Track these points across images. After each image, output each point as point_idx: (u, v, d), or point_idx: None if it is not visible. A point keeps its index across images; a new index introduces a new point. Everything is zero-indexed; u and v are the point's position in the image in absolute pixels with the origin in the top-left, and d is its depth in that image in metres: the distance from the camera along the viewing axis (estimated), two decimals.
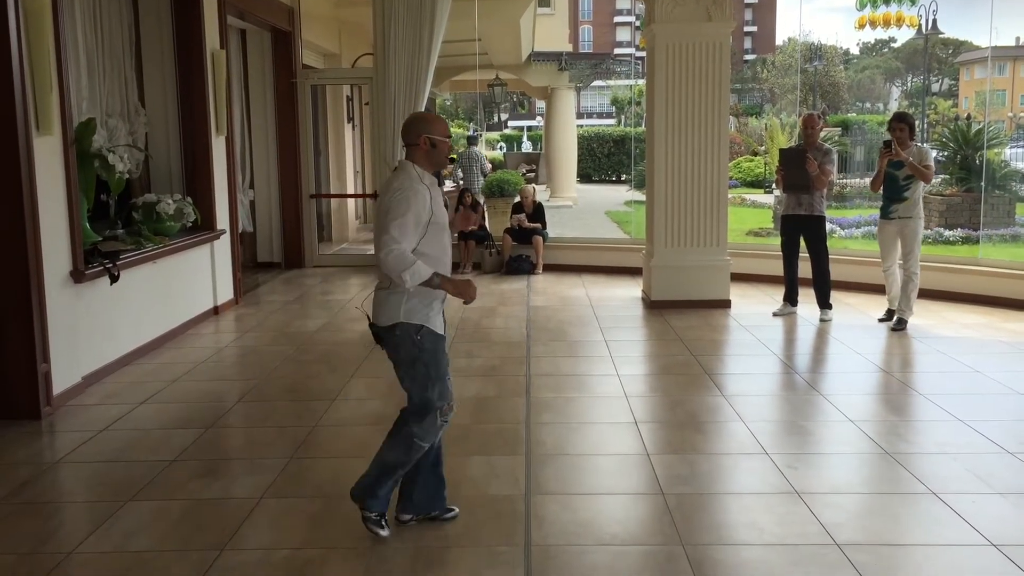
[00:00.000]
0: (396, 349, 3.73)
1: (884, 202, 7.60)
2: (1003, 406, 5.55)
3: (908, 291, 7.48)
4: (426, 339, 3.70)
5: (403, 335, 3.68)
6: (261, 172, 11.38)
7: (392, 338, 3.72)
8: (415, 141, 3.74)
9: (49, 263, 5.54)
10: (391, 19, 10.54)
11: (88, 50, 6.91)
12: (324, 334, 7.74)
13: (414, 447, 3.73)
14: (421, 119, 3.84)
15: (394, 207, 3.59)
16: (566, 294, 9.62)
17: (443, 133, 3.78)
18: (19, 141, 5.22)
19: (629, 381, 6.16)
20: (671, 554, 3.60)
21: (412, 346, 3.69)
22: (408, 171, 3.72)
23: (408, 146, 3.79)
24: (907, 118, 7.58)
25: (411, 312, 3.67)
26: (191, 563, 3.56)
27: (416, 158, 3.76)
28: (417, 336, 3.68)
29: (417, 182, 3.67)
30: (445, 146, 3.79)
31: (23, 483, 4.44)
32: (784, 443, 4.99)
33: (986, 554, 3.57)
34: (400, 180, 3.69)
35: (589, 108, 55.39)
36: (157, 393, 5.97)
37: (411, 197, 3.60)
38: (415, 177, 3.69)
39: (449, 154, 3.84)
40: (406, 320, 3.67)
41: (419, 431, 3.72)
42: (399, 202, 3.59)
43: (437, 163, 3.80)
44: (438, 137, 3.75)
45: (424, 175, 3.73)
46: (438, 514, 3.94)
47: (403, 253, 3.54)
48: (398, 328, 3.68)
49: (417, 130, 3.75)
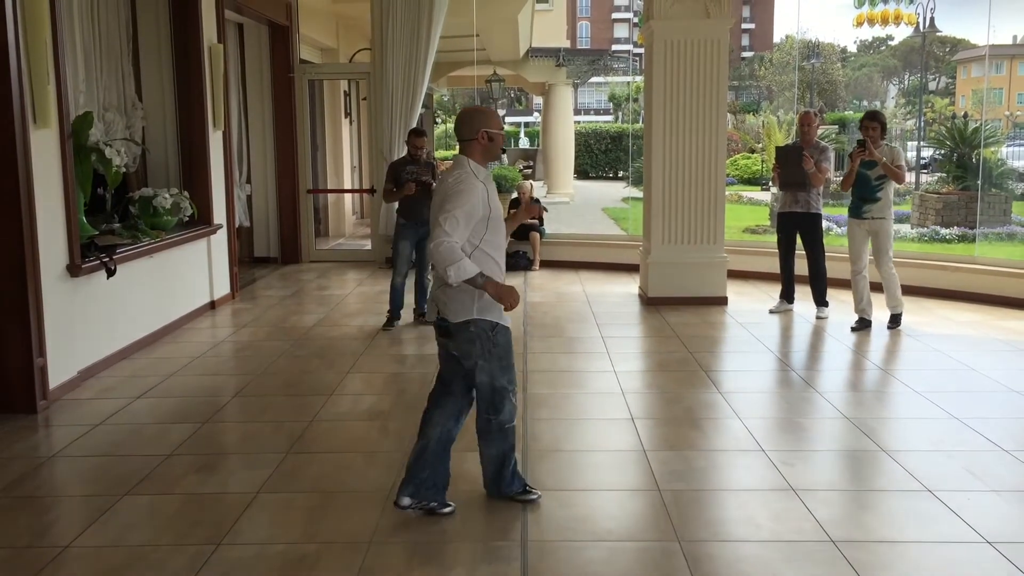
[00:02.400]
0: (469, 344, 3.77)
1: (855, 202, 7.42)
2: (998, 404, 5.57)
3: (892, 290, 7.37)
4: (500, 335, 3.78)
5: (477, 332, 3.74)
6: (258, 167, 11.36)
7: (465, 334, 3.75)
8: (473, 136, 3.78)
9: (45, 257, 5.53)
10: (389, 14, 10.55)
11: (85, 44, 6.89)
12: (321, 329, 7.74)
13: (508, 431, 3.91)
14: (478, 113, 3.89)
15: (448, 201, 3.61)
16: (563, 290, 9.62)
17: (499, 127, 3.85)
18: (16, 134, 5.20)
19: (626, 377, 6.17)
20: (667, 550, 3.60)
21: (487, 341, 3.76)
22: (464, 166, 3.77)
23: (464, 141, 3.81)
24: (879, 116, 7.41)
25: (485, 308, 3.73)
26: (187, 557, 3.56)
27: (472, 153, 3.79)
28: (493, 332, 3.75)
29: (473, 177, 3.71)
30: (501, 139, 3.85)
31: (19, 477, 4.44)
32: (780, 440, 5.00)
33: (981, 551, 3.59)
34: (457, 176, 3.73)
35: (587, 104, 55.37)
36: (153, 388, 5.97)
37: (466, 192, 3.63)
38: (471, 172, 3.74)
39: (502, 145, 3.90)
40: (480, 316, 3.72)
41: (503, 417, 3.87)
42: (453, 196, 3.62)
43: (492, 156, 3.86)
44: (495, 131, 3.81)
45: (479, 170, 3.78)
46: (436, 507, 3.92)
47: (452, 247, 3.55)
48: (472, 324, 3.73)
49: (475, 125, 3.78)
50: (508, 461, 3.98)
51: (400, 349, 7.14)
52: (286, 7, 10.91)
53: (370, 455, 4.73)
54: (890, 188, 7.33)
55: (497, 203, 3.79)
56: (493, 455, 3.97)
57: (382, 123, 10.80)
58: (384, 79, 10.69)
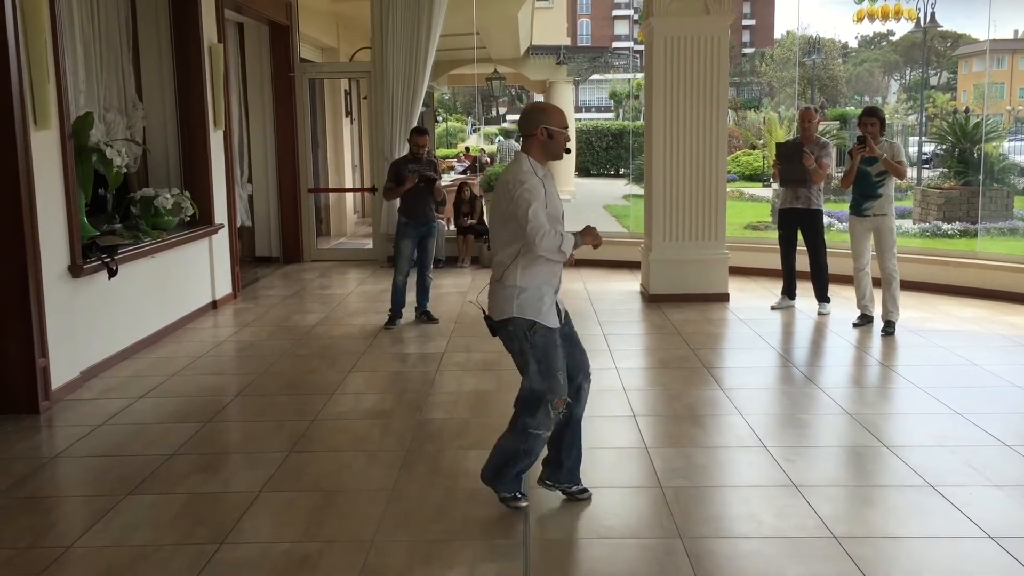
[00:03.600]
0: (509, 343, 3.81)
1: (856, 199, 7.33)
2: (1001, 399, 5.56)
3: (892, 292, 7.22)
4: (538, 335, 3.75)
5: (516, 330, 3.75)
6: (259, 166, 11.36)
7: (506, 332, 3.79)
8: (532, 132, 3.76)
9: (47, 258, 5.53)
10: (389, 13, 10.55)
11: (85, 44, 6.89)
12: (323, 328, 7.74)
13: (531, 436, 3.82)
14: (539, 109, 3.84)
15: (523, 198, 3.62)
16: (564, 288, 9.55)
17: (561, 124, 3.78)
18: (16, 135, 5.20)
19: (627, 375, 6.17)
20: (669, 547, 3.60)
21: (524, 341, 3.75)
22: (522, 164, 3.75)
23: (525, 137, 3.79)
24: (878, 112, 7.32)
25: (523, 307, 3.73)
26: (190, 557, 3.57)
27: (532, 150, 3.78)
28: (530, 331, 3.74)
29: (532, 175, 3.70)
30: (563, 137, 3.80)
31: (22, 478, 4.44)
32: (782, 436, 5.00)
33: (983, 546, 3.58)
34: (515, 174, 3.72)
35: (587, 102, 55.27)
36: (155, 387, 5.97)
37: (531, 192, 3.63)
38: (529, 170, 3.72)
39: (566, 144, 3.83)
40: (519, 315, 3.73)
41: (532, 422, 3.80)
42: (523, 195, 3.62)
43: (553, 154, 3.81)
44: (556, 128, 3.76)
45: (538, 167, 3.76)
46: (576, 491, 4.01)
47: (550, 232, 3.61)
48: (511, 323, 3.75)
49: (535, 121, 3.75)
50: (515, 463, 3.87)
51: (402, 348, 7.14)
52: (286, 6, 10.92)
53: (372, 454, 4.73)
54: (891, 185, 7.23)
55: (556, 201, 3.78)
56: (505, 448, 3.88)
57: (383, 122, 10.80)
58: (384, 78, 10.69)
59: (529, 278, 3.75)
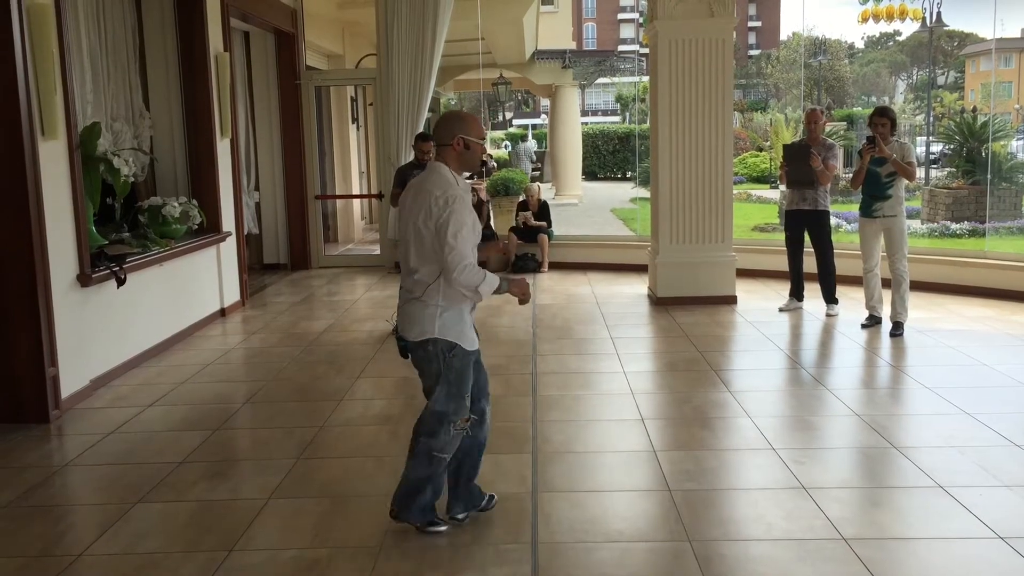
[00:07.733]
0: (426, 363, 3.63)
1: (865, 200, 7.29)
2: (1010, 399, 5.54)
3: (901, 293, 7.17)
4: (457, 358, 3.59)
5: (435, 351, 3.57)
6: (266, 174, 11.40)
7: (423, 353, 3.60)
8: (448, 141, 3.53)
9: (56, 267, 5.56)
10: (394, 19, 10.58)
11: (92, 54, 6.93)
12: (331, 335, 7.76)
13: (435, 460, 3.67)
14: (456, 118, 3.63)
15: (451, 219, 3.40)
16: (572, 292, 9.62)
17: (479, 135, 3.58)
18: (24, 146, 5.23)
19: (635, 378, 6.16)
20: (678, 550, 3.60)
21: (441, 363, 3.58)
22: (443, 174, 3.53)
23: (440, 146, 3.58)
24: (889, 112, 7.27)
25: (445, 328, 3.54)
26: (199, 564, 3.58)
27: (448, 159, 3.57)
28: (450, 354, 3.57)
29: (455, 187, 3.50)
30: (479, 148, 3.60)
31: (32, 486, 4.46)
32: (791, 438, 4.99)
33: (994, 547, 3.57)
34: (439, 185, 3.49)
35: (593, 105, 55.28)
36: (165, 395, 5.99)
37: (462, 207, 3.44)
38: (452, 182, 3.51)
39: (482, 156, 3.64)
40: (440, 336, 3.55)
41: (436, 444, 3.64)
42: (453, 213, 3.41)
43: (469, 165, 3.62)
44: (473, 139, 3.55)
45: (458, 178, 3.56)
46: (484, 505, 3.93)
47: (474, 267, 3.43)
48: (431, 344, 3.56)
49: (451, 130, 3.54)
50: (424, 492, 3.68)
51: None
52: (292, 14, 10.96)
53: (380, 460, 4.73)
54: (901, 185, 7.18)
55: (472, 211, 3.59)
56: (411, 479, 3.69)
57: (389, 128, 10.82)
58: (390, 84, 10.72)
59: (452, 298, 3.54)
